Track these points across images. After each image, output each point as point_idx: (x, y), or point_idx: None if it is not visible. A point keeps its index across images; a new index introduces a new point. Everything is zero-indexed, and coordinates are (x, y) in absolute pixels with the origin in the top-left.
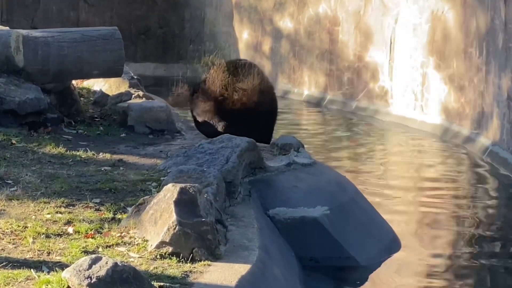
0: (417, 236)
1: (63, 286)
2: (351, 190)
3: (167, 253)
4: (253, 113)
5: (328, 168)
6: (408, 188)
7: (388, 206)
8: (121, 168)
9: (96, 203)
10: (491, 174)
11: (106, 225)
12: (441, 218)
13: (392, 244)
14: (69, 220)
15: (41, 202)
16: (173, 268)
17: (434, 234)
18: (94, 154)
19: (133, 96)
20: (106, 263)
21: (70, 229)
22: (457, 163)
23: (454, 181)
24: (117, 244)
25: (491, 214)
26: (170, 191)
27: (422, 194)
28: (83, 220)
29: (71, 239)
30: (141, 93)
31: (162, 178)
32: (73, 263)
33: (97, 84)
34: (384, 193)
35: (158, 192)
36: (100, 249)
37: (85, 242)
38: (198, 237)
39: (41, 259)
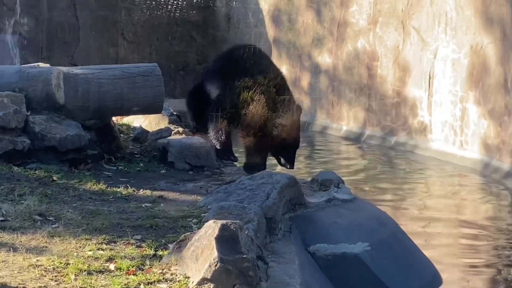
0: (458, 272)
1: None
2: (391, 226)
3: None
4: (290, 147)
5: (368, 203)
6: (449, 224)
7: (429, 242)
8: (161, 204)
9: (137, 239)
10: None
11: (148, 262)
12: (482, 255)
13: (433, 280)
14: (111, 256)
15: (82, 239)
16: None
17: (475, 270)
18: (134, 191)
19: (172, 132)
20: None
21: (112, 266)
22: (497, 198)
23: (495, 217)
24: (159, 281)
25: None
26: (211, 228)
27: (463, 230)
28: (125, 256)
29: (113, 276)
30: (180, 129)
31: (202, 215)
32: None
33: (137, 121)
34: (425, 229)
35: (199, 228)
36: (141, 286)
37: (127, 279)
38: (240, 273)
39: None
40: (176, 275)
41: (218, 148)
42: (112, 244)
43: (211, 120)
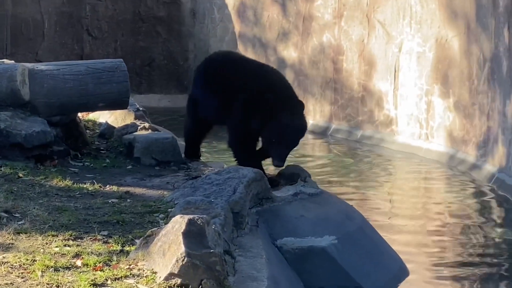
0: (425, 264)
1: None
2: (358, 219)
3: (176, 284)
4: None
5: (335, 197)
6: (415, 216)
7: (395, 235)
8: (128, 200)
9: (104, 235)
10: (497, 201)
11: (115, 258)
12: (448, 246)
13: (399, 273)
14: (78, 253)
15: (49, 235)
16: None
17: (441, 261)
18: (101, 187)
19: (139, 127)
20: None
21: (79, 262)
22: (463, 190)
23: (460, 208)
24: (126, 277)
25: (498, 241)
26: (178, 223)
27: (429, 221)
28: (92, 252)
29: (80, 272)
30: (147, 124)
31: (169, 210)
32: None
33: (103, 116)
34: (391, 222)
35: (166, 223)
36: (109, 282)
37: (94, 274)
38: (207, 268)
39: None
40: (143, 270)
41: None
42: (79, 240)
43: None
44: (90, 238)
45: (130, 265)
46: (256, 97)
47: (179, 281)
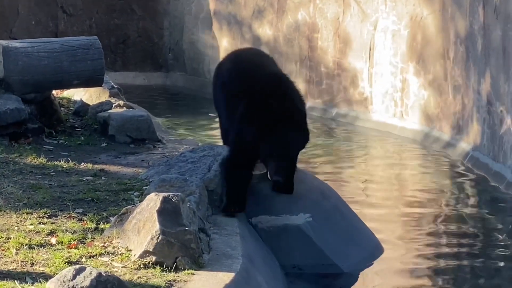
0: (400, 241)
1: None
2: (333, 198)
3: (150, 262)
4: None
5: (310, 175)
6: (390, 195)
7: (370, 213)
8: (103, 177)
9: (78, 213)
10: (471, 179)
11: (89, 235)
12: (423, 223)
13: (375, 251)
14: (52, 230)
15: (23, 213)
16: (157, 277)
17: (416, 239)
18: (75, 164)
19: (113, 105)
20: (90, 273)
21: (53, 240)
22: (438, 168)
23: (435, 186)
24: (101, 254)
25: (472, 218)
26: (152, 201)
27: (404, 200)
28: (66, 230)
29: (54, 250)
30: (121, 102)
31: (144, 188)
32: (56, 273)
33: (78, 94)
34: (366, 200)
35: (140, 201)
36: (83, 259)
37: (69, 252)
38: (182, 246)
39: (25, 270)
40: (118, 248)
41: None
42: (54, 218)
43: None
44: (65, 216)
45: (104, 242)
46: (258, 104)
47: (153, 258)
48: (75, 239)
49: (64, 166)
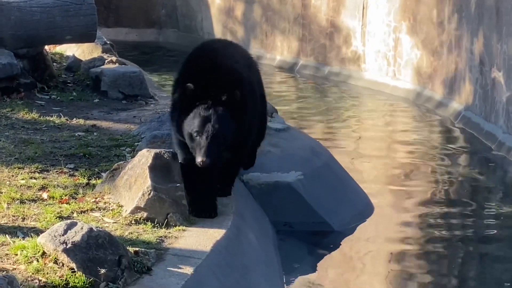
0: (390, 200)
1: (38, 252)
2: (324, 156)
3: (142, 218)
4: None
5: (301, 133)
6: (381, 153)
7: (361, 171)
8: (94, 133)
9: (70, 168)
10: (463, 139)
11: (81, 191)
12: (414, 183)
13: (365, 209)
14: (44, 185)
15: (15, 168)
16: (148, 233)
17: (406, 198)
18: (67, 120)
19: (106, 61)
20: (81, 228)
21: (45, 195)
22: (429, 128)
23: (427, 145)
24: (92, 210)
25: (462, 178)
26: (144, 157)
27: (395, 159)
28: (58, 185)
29: (46, 205)
30: (114, 58)
31: (136, 144)
32: (48, 228)
33: (70, 50)
34: (357, 158)
35: (132, 157)
36: (74, 215)
37: (60, 207)
38: (173, 202)
39: (16, 224)
40: (110, 203)
41: None
42: (45, 173)
43: None
44: (57, 171)
45: (96, 198)
46: (179, 83)
47: (145, 214)
48: (67, 194)
49: (56, 122)
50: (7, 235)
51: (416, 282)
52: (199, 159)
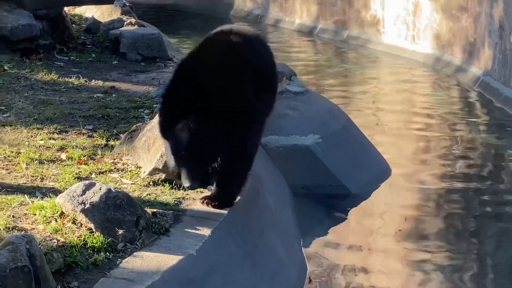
0: (407, 164)
1: (57, 212)
2: (343, 119)
3: (160, 180)
4: None
5: (320, 97)
6: (399, 117)
7: (379, 135)
8: (113, 95)
9: (89, 129)
10: (481, 104)
11: (99, 152)
12: (431, 147)
13: (383, 173)
14: (62, 146)
15: (34, 128)
16: (166, 194)
17: (424, 163)
18: (86, 81)
19: (125, 23)
20: (100, 189)
21: (63, 155)
22: (448, 92)
23: (445, 110)
24: (110, 171)
25: (480, 142)
26: None
27: (413, 123)
28: (76, 146)
29: (64, 165)
30: (133, 20)
31: (154, 106)
32: (66, 189)
33: (89, 11)
34: (375, 122)
35: (150, 119)
36: (93, 176)
37: (78, 168)
38: None
39: (35, 184)
40: (128, 165)
41: None
42: (64, 134)
43: None
44: (75, 132)
45: (114, 159)
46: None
47: (163, 176)
48: (85, 155)
49: (75, 83)
50: (26, 195)
51: (431, 246)
52: (185, 184)
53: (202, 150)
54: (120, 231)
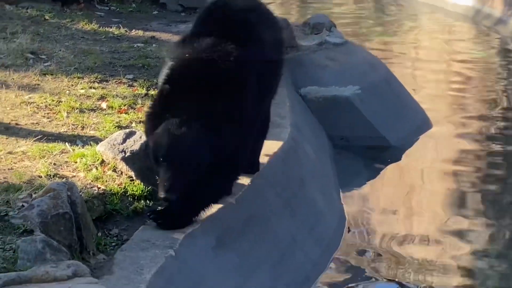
0: (448, 117)
1: (98, 160)
2: (383, 71)
3: None
4: None
5: (360, 48)
6: (439, 69)
7: (419, 88)
8: (153, 44)
9: (129, 79)
10: None
11: (139, 101)
12: (471, 100)
13: (422, 125)
14: (103, 95)
15: (74, 77)
16: None
17: (463, 115)
18: (126, 31)
19: None
20: (140, 137)
21: (104, 104)
22: (487, 45)
23: (485, 62)
24: None
25: None
26: None
27: (453, 75)
28: (117, 95)
29: (105, 114)
30: None
31: None
32: (106, 137)
33: None
34: (415, 74)
35: None
36: (133, 124)
37: (119, 117)
38: None
39: (76, 133)
40: None
41: None
42: (104, 83)
43: None
44: (116, 81)
45: None
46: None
47: None
48: (125, 104)
49: (115, 33)
50: (67, 143)
51: (469, 201)
52: (161, 195)
53: (199, 157)
54: None
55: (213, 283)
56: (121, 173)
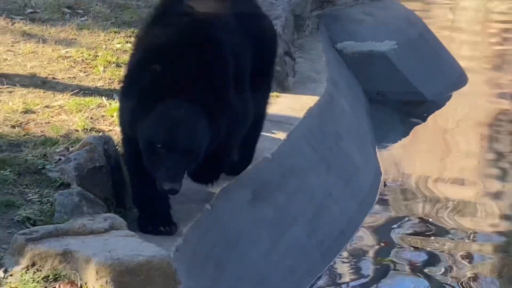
0: (484, 73)
1: None
2: (419, 26)
3: None
4: None
5: (396, 3)
6: (476, 26)
7: (455, 43)
8: None
9: None
10: None
11: None
12: (509, 57)
13: (458, 80)
14: None
15: (111, 32)
16: None
17: (500, 72)
18: None
19: None
20: None
21: None
22: None
23: None
24: None
25: None
26: None
27: (491, 34)
28: None
29: None
30: None
31: None
32: None
33: None
34: (452, 29)
35: None
36: None
37: None
38: None
39: (112, 87)
40: None
41: None
42: None
43: None
44: None
45: None
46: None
47: None
48: None
49: None
50: (103, 97)
51: (505, 162)
52: (166, 186)
53: (202, 142)
54: None
55: (249, 237)
56: None
